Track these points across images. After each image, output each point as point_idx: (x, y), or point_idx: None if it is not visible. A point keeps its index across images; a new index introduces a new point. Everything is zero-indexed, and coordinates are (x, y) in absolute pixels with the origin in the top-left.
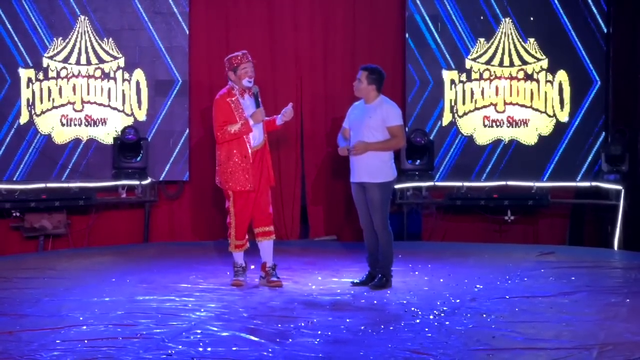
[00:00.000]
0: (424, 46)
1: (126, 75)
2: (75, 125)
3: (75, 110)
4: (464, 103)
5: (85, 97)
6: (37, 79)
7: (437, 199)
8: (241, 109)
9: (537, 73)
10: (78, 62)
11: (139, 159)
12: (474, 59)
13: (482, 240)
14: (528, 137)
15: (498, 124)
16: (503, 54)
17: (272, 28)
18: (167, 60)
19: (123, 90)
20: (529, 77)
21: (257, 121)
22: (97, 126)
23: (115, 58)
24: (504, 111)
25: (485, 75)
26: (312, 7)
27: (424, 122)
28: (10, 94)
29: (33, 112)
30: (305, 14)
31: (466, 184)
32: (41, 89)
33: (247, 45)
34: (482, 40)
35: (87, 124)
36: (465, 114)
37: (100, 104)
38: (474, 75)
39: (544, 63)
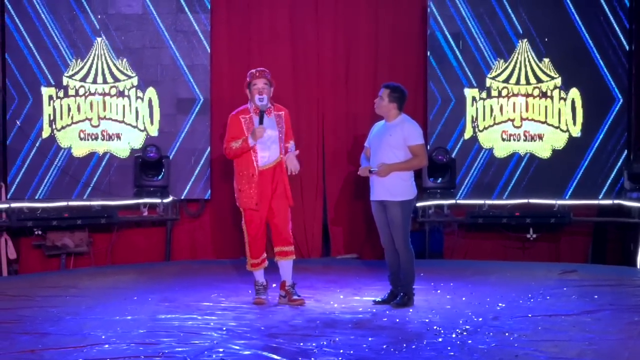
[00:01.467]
0: (445, 64)
1: (139, 93)
2: (92, 139)
3: (93, 126)
4: (484, 119)
5: (102, 113)
6: (57, 97)
7: (459, 217)
8: (253, 127)
9: (551, 91)
10: (95, 81)
11: (160, 177)
12: (493, 78)
13: (504, 258)
14: (543, 150)
15: (515, 138)
16: (520, 73)
17: (294, 46)
18: (188, 78)
19: (137, 108)
20: (543, 94)
21: (255, 139)
22: (112, 140)
23: (129, 77)
24: (520, 126)
25: (504, 92)
26: (334, 25)
27: (445, 140)
28: (32, 112)
29: (54, 127)
30: (327, 32)
31: (488, 201)
32: (61, 106)
33: (268, 63)
34: (500, 60)
35: (103, 138)
36: (485, 128)
37: (115, 120)
38: (493, 93)
39: (558, 81)
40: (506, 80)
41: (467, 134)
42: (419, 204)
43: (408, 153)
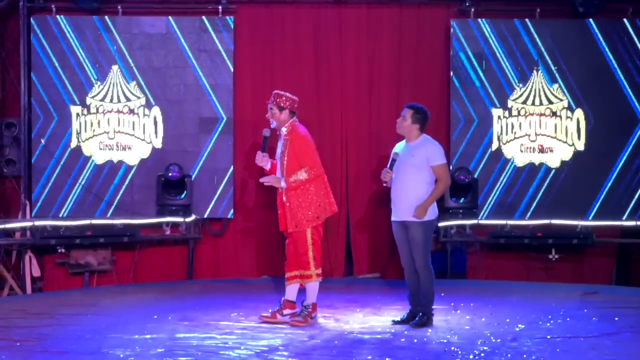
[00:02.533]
0: (468, 84)
1: (146, 111)
2: (109, 149)
3: (109, 138)
4: (507, 134)
5: (116, 128)
6: (82, 114)
7: (481, 237)
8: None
9: (560, 111)
10: (111, 101)
11: (183, 196)
12: (514, 100)
13: (527, 278)
14: (553, 161)
15: (531, 150)
16: (535, 96)
17: (317, 66)
18: (211, 97)
19: (144, 124)
20: (554, 114)
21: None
22: (124, 150)
23: (138, 98)
24: (535, 140)
25: (522, 112)
26: (358, 46)
27: (468, 160)
28: (57, 131)
29: (80, 139)
30: (351, 53)
31: (510, 222)
32: (85, 122)
33: (291, 83)
34: (520, 85)
35: (117, 148)
36: (508, 142)
37: (127, 133)
38: (514, 112)
39: (565, 103)
40: (524, 102)
41: (494, 146)
42: (441, 224)
43: (431, 173)
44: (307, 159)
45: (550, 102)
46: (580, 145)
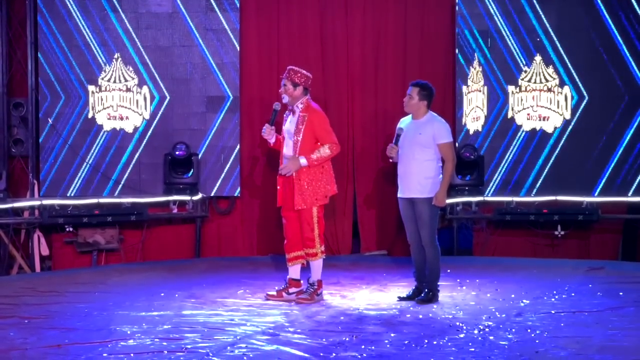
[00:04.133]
0: (473, 62)
1: (139, 89)
2: (113, 119)
3: (114, 110)
4: (517, 105)
5: (118, 102)
6: (95, 91)
7: (487, 214)
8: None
9: (553, 87)
10: (114, 82)
11: (190, 174)
12: (522, 79)
13: (533, 255)
14: (548, 126)
15: (533, 118)
16: (536, 76)
17: (323, 44)
18: (218, 76)
19: (137, 99)
20: (549, 90)
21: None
22: (123, 120)
23: (133, 79)
24: (536, 111)
25: (528, 88)
26: (364, 23)
27: (473, 138)
28: (64, 111)
29: (94, 110)
30: (357, 30)
31: (516, 199)
32: (97, 97)
33: (298, 61)
34: (525, 67)
35: (118, 118)
36: (518, 111)
37: (125, 107)
38: (522, 89)
39: (557, 81)
40: (528, 81)
41: (509, 115)
42: (447, 201)
43: (437, 150)
44: (328, 135)
45: (547, 81)
46: (568, 115)
